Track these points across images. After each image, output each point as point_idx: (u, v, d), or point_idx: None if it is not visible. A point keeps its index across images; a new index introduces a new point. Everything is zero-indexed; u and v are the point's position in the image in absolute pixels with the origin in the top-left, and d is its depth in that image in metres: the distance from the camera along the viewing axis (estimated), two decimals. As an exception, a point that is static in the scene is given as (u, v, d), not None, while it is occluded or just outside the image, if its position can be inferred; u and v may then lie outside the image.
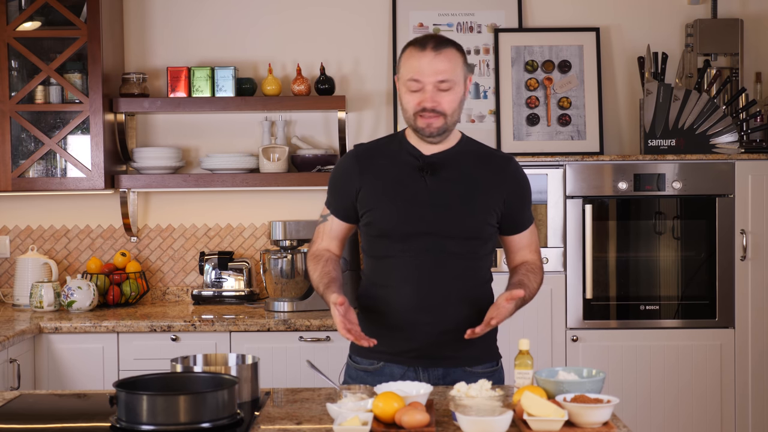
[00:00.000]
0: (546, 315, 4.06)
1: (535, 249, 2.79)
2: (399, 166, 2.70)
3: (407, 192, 2.66)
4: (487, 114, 4.51)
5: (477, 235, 2.68)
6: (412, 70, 2.61)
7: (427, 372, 2.67)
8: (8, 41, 4.17)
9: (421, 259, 2.64)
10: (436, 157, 2.70)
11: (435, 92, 2.61)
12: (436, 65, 2.59)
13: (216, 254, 4.42)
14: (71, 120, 4.24)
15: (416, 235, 2.64)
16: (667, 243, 4.11)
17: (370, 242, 2.74)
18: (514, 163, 2.77)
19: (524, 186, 2.77)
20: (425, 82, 2.60)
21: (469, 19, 4.54)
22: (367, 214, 2.70)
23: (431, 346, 2.65)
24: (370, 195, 2.70)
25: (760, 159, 4.07)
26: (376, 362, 2.71)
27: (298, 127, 4.56)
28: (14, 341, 3.62)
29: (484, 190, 2.68)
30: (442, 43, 2.62)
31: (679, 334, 4.07)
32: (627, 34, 4.55)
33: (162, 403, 2.17)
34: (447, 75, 2.60)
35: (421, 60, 2.59)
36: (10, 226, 4.56)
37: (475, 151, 2.75)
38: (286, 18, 4.57)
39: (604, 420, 2.17)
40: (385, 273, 2.69)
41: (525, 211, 2.77)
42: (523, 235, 2.77)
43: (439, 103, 2.62)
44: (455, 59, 2.62)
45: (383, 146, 2.78)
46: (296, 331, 3.89)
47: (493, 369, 2.75)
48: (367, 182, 2.71)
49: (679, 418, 4.06)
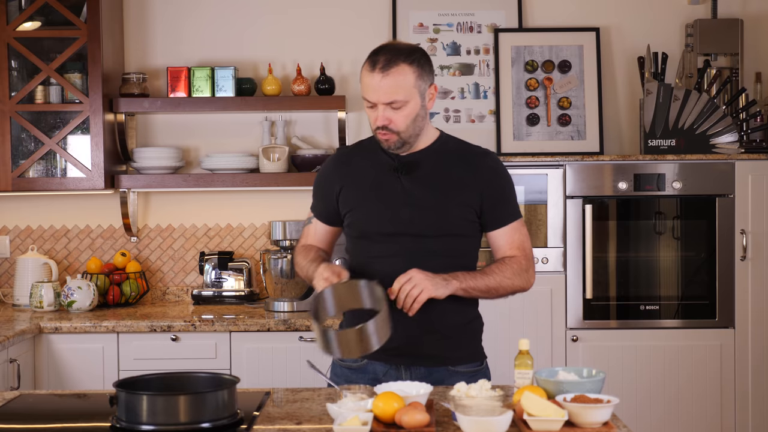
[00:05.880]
0: (546, 315, 4.06)
1: (518, 246, 2.71)
2: (376, 168, 2.71)
3: (383, 193, 2.68)
4: (487, 114, 4.51)
5: (455, 232, 2.67)
6: (365, 89, 2.62)
7: (410, 370, 2.67)
8: (8, 41, 4.17)
9: (401, 259, 2.64)
10: (411, 157, 2.70)
11: (387, 111, 2.59)
12: (384, 87, 2.57)
13: (216, 254, 4.42)
14: (71, 120, 4.24)
15: (395, 235, 2.66)
16: (667, 243, 4.11)
17: (352, 243, 2.77)
18: (492, 157, 2.74)
19: (502, 180, 2.72)
20: (376, 103, 2.60)
21: (469, 19, 4.54)
22: (348, 216, 2.74)
23: (413, 344, 2.65)
24: (350, 197, 2.73)
25: (760, 159, 4.08)
26: (359, 360, 2.72)
27: (298, 127, 4.56)
28: (14, 341, 3.62)
29: (459, 187, 2.67)
30: (391, 61, 2.57)
31: (679, 334, 4.07)
32: (627, 34, 4.55)
33: (162, 403, 2.17)
34: (395, 96, 2.57)
35: (371, 81, 2.58)
36: (10, 226, 4.56)
37: (452, 149, 2.74)
38: (286, 18, 4.57)
39: (604, 420, 2.17)
40: (367, 273, 2.69)
41: (505, 206, 2.72)
42: (504, 230, 2.71)
43: (391, 121, 2.61)
44: (405, 76, 2.58)
45: (363, 148, 2.80)
46: (296, 331, 3.89)
47: (478, 369, 2.74)
48: (347, 184, 2.74)
49: (679, 418, 4.06)
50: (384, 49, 2.61)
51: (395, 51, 2.60)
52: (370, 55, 2.62)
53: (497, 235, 2.72)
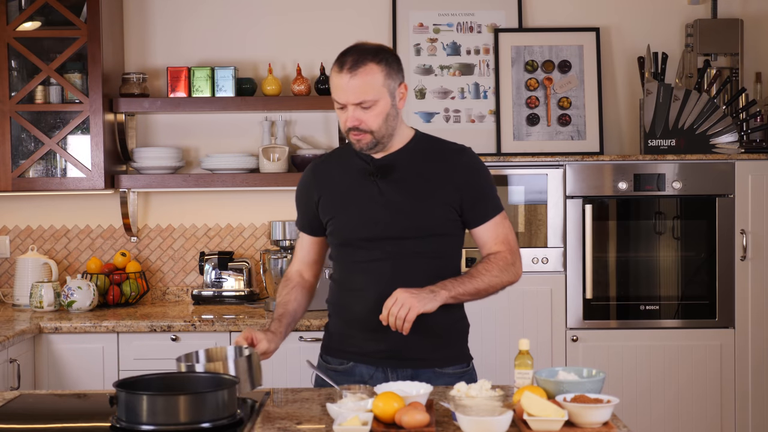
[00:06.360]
0: (546, 315, 4.06)
1: (502, 240, 2.70)
2: (351, 174, 2.71)
3: (361, 198, 2.68)
4: (487, 114, 4.51)
5: (437, 231, 2.67)
6: (334, 90, 2.61)
7: (396, 372, 2.67)
8: (8, 41, 4.17)
9: (386, 263, 2.64)
10: (386, 159, 2.69)
11: (357, 111, 2.59)
12: (353, 88, 2.57)
13: (216, 254, 4.42)
14: (71, 120, 4.24)
15: (376, 239, 2.65)
16: (667, 243, 4.11)
17: (336, 250, 2.77)
18: (468, 153, 2.72)
19: (480, 175, 2.71)
20: (346, 103, 2.59)
21: (469, 19, 4.54)
22: (329, 224, 2.74)
23: (400, 347, 2.64)
24: (328, 204, 2.74)
25: (760, 159, 4.07)
26: (345, 362, 2.73)
27: (298, 127, 4.56)
28: (14, 341, 3.62)
29: (437, 186, 2.66)
30: (359, 61, 2.57)
31: (679, 334, 4.07)
32: (627, 34, 4.55)
33: (162, 403, 2.17)
34: (365, 96, 2.57)
35: (340, 81, 2.58)
36: (10, 226, 4.56)
37: (427, 148, 2.72)
38: (286, 18, 4.57)
39: (604, 420, 2.17)
40: (352, 278, 2.71)
41: (486, 202, 2.71)
42: (487, 226, 2.70)
43: (363, 122, 2.60)
44: (374, 76, 2.58)
45: (338, 156, 2.80)
46: (296, 331, 3.89)
47: (465, 370, 2.74)
48: (324, 193, 2.75)
49: (678, 418, 4.06)
50: (352, 50, 2.61)
51: (362, 51, 2.60)
52: (338, 56, 2.61)
53: (481, 232, 2.71)
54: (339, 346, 2.75)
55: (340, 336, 2.75)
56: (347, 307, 2.72)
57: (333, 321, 2.80)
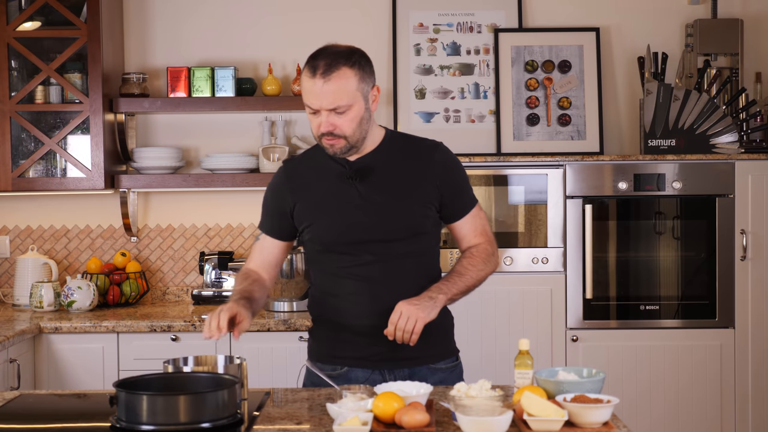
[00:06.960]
0: (546, 315, 4.06)
1: (480, 232, 2.71)
2: (328, 178, 2.68)
3: (340, 203, 2.65)
4: (487, 114, 4.51)
5: (419, 230, 2.66)
6: (306, 95, 2.57)
7: (393, 373, 2.67)
8: (8, 41, 4.17)
9: (370, 267, 2.63)
10: (362, 161, 2.66)
11: (330, 116, 2.55)
12: (326, 93, 2.53)
13: (216, 254, 4.42)
14: (71, 120, 4.24)
15: (359, 243, 2.63)
16: (667, 243, 4.11)
17: (315, 256, 2.73)
18: (442, 148, 2.71)
19: (455, 170, 2.70)
20: (319, 109, 2.55)
21: (469, 19, 4.54)
22: (307, 231, 2.70)
23: (394, 348, 2.62)
24: (305, 210, 2.69)
25: (760, 159, 4.07)
26: (339, 367, 2.70)
27: (298, 127, 4.56)
28: (14, 341, 3.62)
29: (415, 184, 2.65)
30: (332, 65, 2.53)
31: (679, 334, 4.07)
32: (627, 34, 4.55)
33: (162, 403, 2.17)
34: (339, 101, 2.54)
35: (313, 87, 2.54)
36: (10, 226, 4.56)
37: (401, 147, 2.71)
38: (286, 18, 4.57)
39: (604, 420, 2.17)
40: (337, 284, 2.68)
41: (462, 196, 2.71)
42: (466, 220, 2.71)
43: (337, 126, 2.57)
44: (347, 80, 2.54)
45: (311, 159, 2.75)
46: (296, 331, 3.89)
47: (455, 364, 2.76)
48: (300, 198, 2.70)
49: (678, 418, 4.06)
50: (323, 53, 2.57)
51: (335, 54, 2.56)
52: (309, 59, 2.58)
53: (460, 226, 2.72)
54: (331, 352, 2.72)
55: (332, 342, 2.71)
56: (338, 313, 2.69)
57: (320, 328, 2.75)
